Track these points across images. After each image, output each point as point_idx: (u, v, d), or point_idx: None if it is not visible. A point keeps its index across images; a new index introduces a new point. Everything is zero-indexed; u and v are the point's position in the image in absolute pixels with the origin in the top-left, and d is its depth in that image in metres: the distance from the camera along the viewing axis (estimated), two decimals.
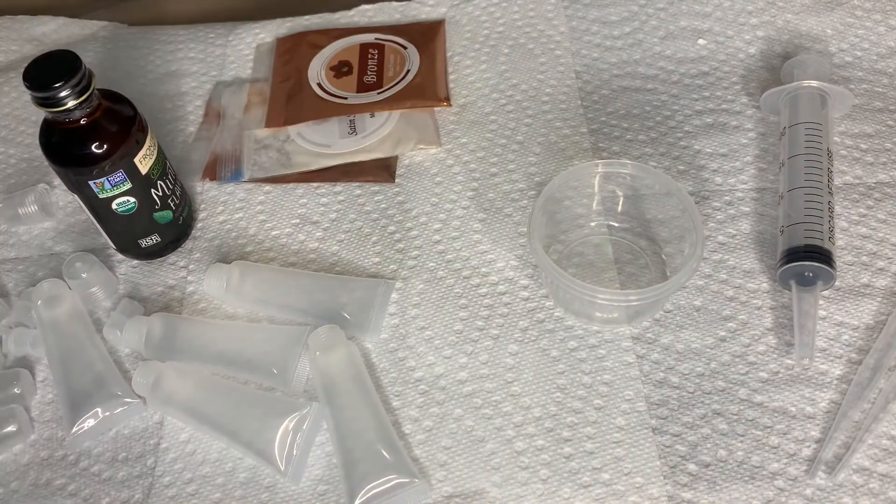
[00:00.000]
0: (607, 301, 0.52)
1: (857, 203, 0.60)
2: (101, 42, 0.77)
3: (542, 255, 0.52)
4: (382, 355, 0.57)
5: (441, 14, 0.75)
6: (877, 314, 0.55)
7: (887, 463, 0.50)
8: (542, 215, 0.55)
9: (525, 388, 0.54)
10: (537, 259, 0.53)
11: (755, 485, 0.49)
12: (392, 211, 0.63)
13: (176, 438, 0.54)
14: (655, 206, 0.58)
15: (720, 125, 0.65)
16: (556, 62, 0.71)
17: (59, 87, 0.50)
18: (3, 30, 0.79)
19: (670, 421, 0.52)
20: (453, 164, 0.66)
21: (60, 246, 0.64)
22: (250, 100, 0.71)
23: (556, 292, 0.57)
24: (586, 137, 0.66)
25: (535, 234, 0.53)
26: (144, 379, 0.54)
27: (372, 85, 0.70)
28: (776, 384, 0.53)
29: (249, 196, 0.66)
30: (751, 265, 0.58)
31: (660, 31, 0.72)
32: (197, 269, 0.62)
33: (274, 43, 0.75)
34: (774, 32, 0.71)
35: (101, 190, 0.55)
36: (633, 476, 0.50)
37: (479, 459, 0.52)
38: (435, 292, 0.59)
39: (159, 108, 0.72)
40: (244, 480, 0.52)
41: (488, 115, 0.68)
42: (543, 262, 0.52)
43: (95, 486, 0.53)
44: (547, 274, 0.53)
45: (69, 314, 0.58)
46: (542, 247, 0.53)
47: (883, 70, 0.67)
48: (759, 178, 0.62)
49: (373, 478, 0.49)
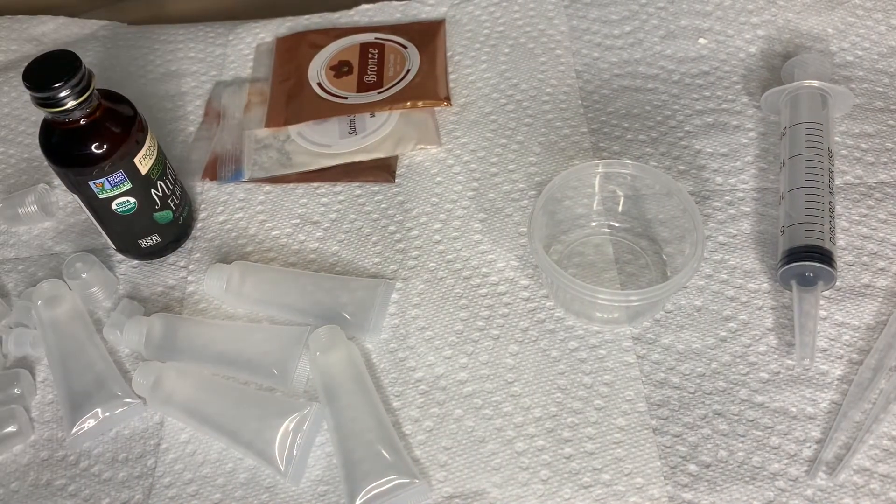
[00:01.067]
0: (608, 301, 0.52)
1: (858, 203, 0.60)
2: (101, 42, 0.77)
3: (543, 255, 0.52)
4: (383, 355, 0.56)
5: (441, 14, 0.75)
6: (878, 314, 0.55)
7: (888, 463, 0.49)
8: (543, 215, 0.55)
9: (525, 389, 0.54)
10: (538, 259, 0.53)
11: (756, 485, 0.49)
12: (392, 211, 0.63)
13: (176, 439, 0.54)
14: (656, 206, 0.58)
15: (721, 125, 0.65)
16: (557, 62, 0.71)
17: (59, 88, 0.50)
18: (3, 29, 0.79)
19: (671, 421, 0.52)
20: (454, 164, 0.65)
21: (60, 246, 0.64)
22: (250, 100, 0.71)
23: (556, 292, 0.57)
24: (586, 137, 0.66)
25: (536, 234, 0.53)
26: (144, 379, 0.54)
27: (372, 85, 0.70)
28: (777, 384, 0.53)
29: (249, 196, 0.65)
30: (751, 265, 0.58)
31: (660, 31, 0.72)
32: (197, 269, 0.62)
33: (274, 42, 0.75)
34: (775, 32, 0.70)
35: (101, 190, 0.55)
36: (634, 476, 0.50)
37: (480, 460, 0.52)
38: (435, 292, 0.59)
39: (159, 108, 0.72)
40: (244, 481, 0.52)
41: (488, 115, 0.68)
42: (544, 262, 0.52)
43: (95, 487, 0.53)
44: (547, 274, 0.53)
45: (69, 314, 0.58)
46: (543, 247, 0.53)
47: (884, 69, 0.67)
48: (760, 178, 0.62)
49: (373, 478, 0.49)
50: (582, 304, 0.55)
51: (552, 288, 0.57)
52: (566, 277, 0.51)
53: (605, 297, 0.51)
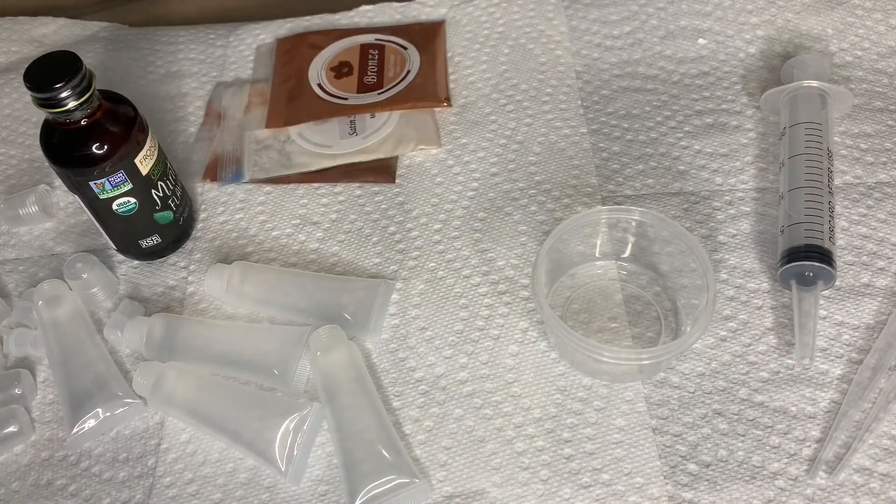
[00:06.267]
0: (615, 360, 0.50)
1: (858, 203, 0.60)
2: (102, 43, 0.77)
3: (550, 313, 0.51)
4: (383, 355, 0.57)
5: (441, 15, 0.75)
6: (877, 314, 0.55)
7: (888, 462, 0.50)
8: (547, 262, 0.54)
9: (525, 389, 0.54)
10: (544, 316, 0.51)
11: (756, 485, 0.49)
12: (392, 211, 0.63)
13: (177, 439, 0.54)
14: (665, 252, 0.56)
15: (720, 125, 0.65)
16: (557, 62, 0.71)
17: (60, 88, 0.50)
18: (4, 31, 0.79)
19: (670, 421, 0.52)
20: (454, 165, 0.66)
21: (61, 246, 0.64)
22: (251, 100, 0.71)
23: (563, 348, 0.55)
24: (586, 137, 0.66)
25: (541, 292, 0.51)
26: (145, 379, 0.54)
27: (372, 85, 0.70)
28: (777, 384, 0.53)
29: (250, 197, 0.66)
30: (751, 265, 0.58)
31: (660, 31, 0.72)
32: (197, 269, 0.62)
33: (274, 44, 0.75)
34: (774, 32, 0.71)
35: (102, 191, 0.55)
36: (634, 476, 0.50)
37: (480, 460, 0.52)
38: (435, 292, 0.59)
39: (160, 109, 0.72)
40: (245, 481, 0.52)
41: (488, 116, 0.68)
42: (551, 320, 0.50)
43: (96, 487, 0.53)
44: (556, 333, 0.51)
45: (70, 315, 0.58)
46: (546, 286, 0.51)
47: (883, 69, 0.67)
48: (760, 178, 0.62)
49: (373, 478, 0.49)
50: (588, 361, 0.53)
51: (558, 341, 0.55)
52: (576, 336, 0.49)
53: (611, 355, 0.49)
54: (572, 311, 0.57)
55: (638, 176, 0.63)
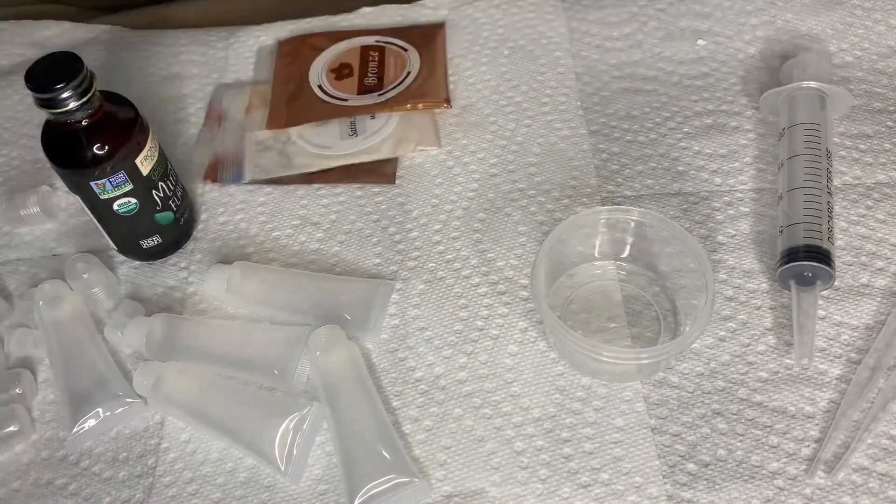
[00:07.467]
0: (614, 359, 0.50)
1: (857, 203, 0.60)
2: (104, 45, 0.77)
3: (549, 313, 0.51)
4: (383, 355, 0.57)
5: (441, 16, 0.76)
6: (876, 314, 0.55)
7: (886, 462, 0.50)
8: (547, 262, 0.54)
9: (525, 389, 0.54)
10: (543, 316, 0.51)
11: (754, 484, 0.49)
12: (392, 212, 0.64)
13: (177, 438, 0.55)
14: (664, 253, 0.56)
15: (720, 126, 0.65)
16: (556, 63, 0.71)
17: (61, 89, 0.50)
18: (7, 34, 0.79)
19: (669, 421, 0.52)
20: (453, 166, 0.66)
21: (62, 247, 0.65)
22: (252, 102, 0.71)
23: (562, 348, 0.55)
24: (586, 138, 0.66)
25: (540, 292, 0.51)
26: (145, 379, 0.55)
27: (373, 87, 0.70)
28: (775, 384, 0.53)
29: (250, 197, 0.66)
30: (750, 265, 0.58)
31: (659, 32, 0.72)
32: (198, 269, 0.62)
33: (275, 45, 0.76)
34: (774, 32, 0.71)
35: (103, 191, 0.55)
36: (633, 476, 0.50)
37: (479, 459, 0.52)
38: (435, 293, 0.59)
39: (161, 110, 0.72)
40: (244, 480, 0.53)
41: (488, 117, 0.68)
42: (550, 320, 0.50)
43: (96, 486, 0.53)
44: (556, 333, 0.51)
45: (71, 315, 0.58)
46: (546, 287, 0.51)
47: (883, 70, 0.67)
48: (759, 179, 0.62)
49: (373, 477, 0.49)
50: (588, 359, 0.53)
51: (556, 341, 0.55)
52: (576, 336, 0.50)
53: (610, 354, 0.50)
54: (571, 311, 0.57)
55: (637, 176, 0.63)
